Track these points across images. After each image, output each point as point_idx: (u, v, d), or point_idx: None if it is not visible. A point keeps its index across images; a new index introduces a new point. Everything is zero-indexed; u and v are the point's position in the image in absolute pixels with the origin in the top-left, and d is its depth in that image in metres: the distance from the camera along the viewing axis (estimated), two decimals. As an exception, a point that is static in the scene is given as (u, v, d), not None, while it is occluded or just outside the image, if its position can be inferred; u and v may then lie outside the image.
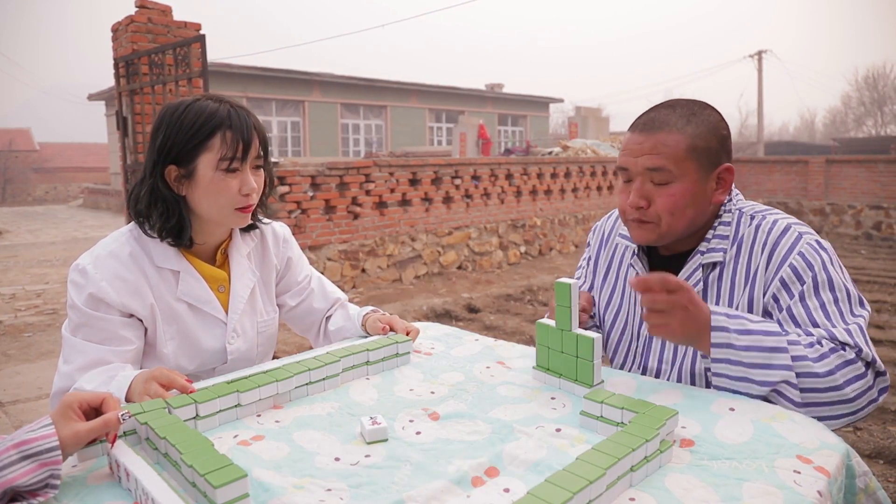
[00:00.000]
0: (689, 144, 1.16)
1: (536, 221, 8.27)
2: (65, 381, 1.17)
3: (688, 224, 1.20)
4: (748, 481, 0.81)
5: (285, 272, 1.50)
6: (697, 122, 1.18)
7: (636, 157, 1.19)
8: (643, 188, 1.19)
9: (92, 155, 32.77)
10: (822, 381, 1.04)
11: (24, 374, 3.76)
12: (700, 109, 1.20)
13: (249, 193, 1.23)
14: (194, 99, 1.22)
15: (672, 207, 1.17)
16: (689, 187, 1.17)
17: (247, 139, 1.20)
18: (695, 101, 1.23)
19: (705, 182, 1.19)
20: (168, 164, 1.21)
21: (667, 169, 1.16)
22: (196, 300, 1.28)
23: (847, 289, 1.15)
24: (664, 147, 1.16)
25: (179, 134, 1.19)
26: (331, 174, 5.86)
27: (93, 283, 1.18)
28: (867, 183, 10.44)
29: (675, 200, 1.17)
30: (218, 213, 1.24)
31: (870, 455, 2.58)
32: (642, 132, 1.19)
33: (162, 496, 0.72)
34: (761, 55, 24.67)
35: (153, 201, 1.23)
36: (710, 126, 1.18)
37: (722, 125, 1.21)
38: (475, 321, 4.88)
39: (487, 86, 24.64)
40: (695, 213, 1.20)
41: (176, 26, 5.58)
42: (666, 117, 1.18)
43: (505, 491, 0.79)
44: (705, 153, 1.17)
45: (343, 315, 1.53)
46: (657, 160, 1.16)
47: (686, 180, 1.16)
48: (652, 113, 1.21)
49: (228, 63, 16.98)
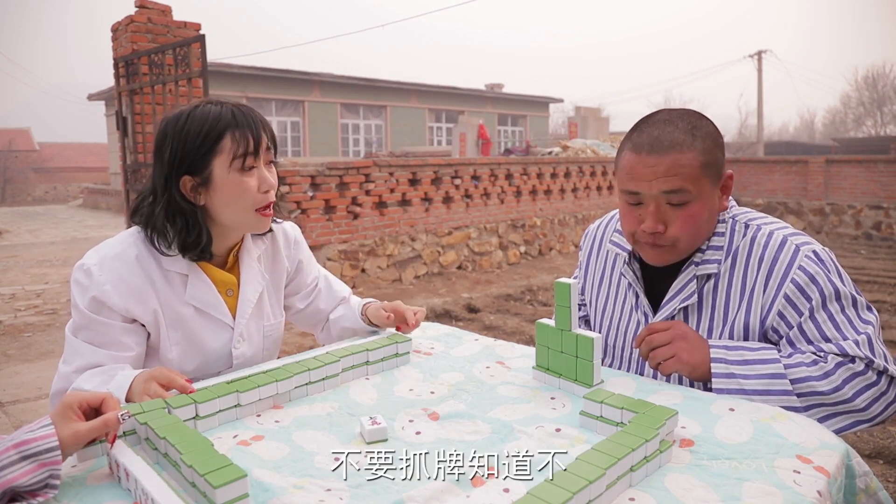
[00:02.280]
0: (703, 161, 1.13)
1: (536, 221, 8.27)
2: (63, 382, 1.16)
3: (702, 239, 1.19)
4: (748, 481, 0.80)
5: (295, 275, 1.49)
6: (702, 135, 1.14)
7: (650, 181, 1.13)
8: (660, 211, 1.15)
9: (92, 155, 32.75)
10: (829, 398, 1.06)
11: (23, 374, 3.76)
12: (698, 120, 1.17)
13: (269, 190, 1.22)
14: (193, 106, 1.20)
15: (692, 228, 1.15)
16: (706, 204, 1.15)
17: (256, 134, 1.19)
18: (690, 112, 1.19)
19: (715, 194, 1.17)
20: (182, 175, 1.19)
21: (685, 190, 1.12)
22: (204, 304, 1.26)
23: (852, 296, 1.14)
24: (681, 168, 1.11)
25: (188, 143, 1.17)
26: (330, 174, 5.86)
27: (96, 286, 1.17)
28: (867, 183, 10.43)
29: (694, 220, 1.14)
30: (240, 218, 1.22)
31: (870, 455, 2.58)
32: (651, 154, 1.13)
33: (162, 496, 0.72)
34: (761, 55, 24.67)
35: (170, 216, 1.20)
36: (712, 137, 1.16)
37: (718, 133, 1.19)
38: (475, 321, 4.88)
39: (487, 86, 24.64)
40: (709, 227, 1.19)
41: (176, 26, 5.59)
42: (672, 135, 1.13)
43: (505, 491, 0.79)
44: (714, 166, 1.15)
45: (344, 306, 1.54)
46: (675, 182, 1.11)
47: (703, 198, 1.14)
48: (654, 131, 1.15)
49: (228, 63, 16.98)
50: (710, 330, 1.21)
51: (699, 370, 1.12)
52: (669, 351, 1.11)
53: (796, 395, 1.06)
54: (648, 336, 1.14)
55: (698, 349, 1.12)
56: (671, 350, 1.11)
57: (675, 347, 1.12)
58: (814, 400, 1.06)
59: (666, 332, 1.14)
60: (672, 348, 1.11)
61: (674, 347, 1.12)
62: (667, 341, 1.12)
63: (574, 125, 14.26)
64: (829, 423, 1.06)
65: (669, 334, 1.13)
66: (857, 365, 1.08)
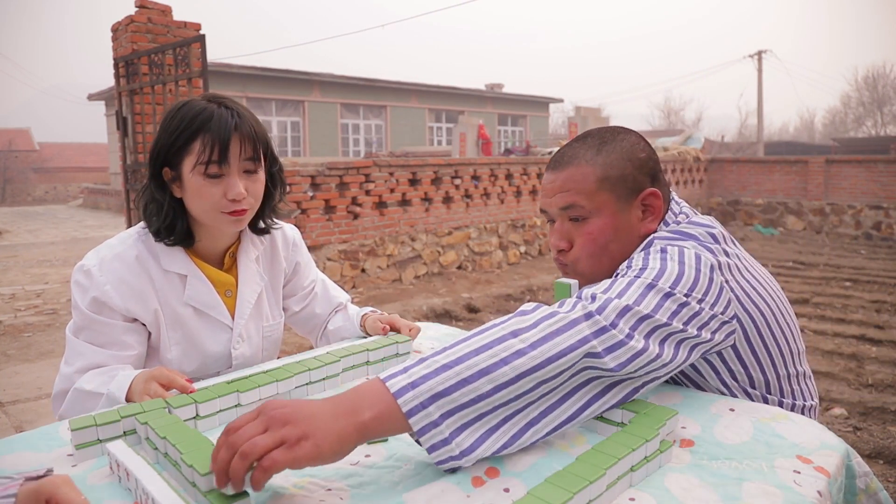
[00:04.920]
0: (601, 175, 1.09)
1: (536, 221, 8.27)
2: (65, 382, 1.17)
3: (612, 261, 1.12)
4: (748, 481, 0.81)
5: (292, 276, 1.49)
6: (609, 149, 1.11)
7: (550, 197, 1.13)
8: (562, 228, 1.14)
9: (92, 155, 32.76)
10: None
11: (23, 374, 3.76)
12: (612, 136, 1.14)
13: (236, 199, 1.18)
14: (190, 100, 1.21)
15: (591, 246, 1.11)
16: (608, 221, 1.10)
17: (224, 142, 1.15)
18: (609, 129, 1.16)
19: (627, 212, 1.11)
20: (162, 165, 1.21)
21: (579, 205, 1.10)
22: (203, 305, 1.27)
23: (668, 291, 0.94)
24: (573, 183, 1.10)
25: (167, 136, 1.19)
26: (330, 174, 5.86)
27: (96, 287, 1.17)
28: (867, 183, 10.44)
29: (594, 238, 1.11)
30: (206, 217, 1.22)
31: (870, 455, 2.58)
32: (552, 170, 1.14)
33: (162, 496, 0.72)
34: (761, 55, 24.68)
35: (151, 201, 1.23)
36: (622, 152, 1.11)
37: (637, 148, 1.13)
38: (475, 321, 4.88)
39: (487, 86, 24.64)
40: (620, 248, 1.11)
41: (176, 26, 5.59)
42: (575, 151, 1.13)
43: (505, 491, 0.79)
44: (620, 181, 1.10)
45: (342, 315, 1.52)
46: (568, 197, 1.11)
47: (603, 214, 1.10)
48: (564, 148, 1.15)
49: (228, 63, 16.98)
50: None
51: (345, 430, 0.74)
52: (267, 439, 0.69)
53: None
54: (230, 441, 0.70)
55: (296, 413, 0.73)
56: (260, 440, 0.69)
57: (264, 436, 0.70)
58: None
59: (255, 420, 0.72)
60: (259, 438, 0.69)
61: (261, 437, 0.69)
62: (259, 430, 0.71)
63: (574, 125, 14.26)
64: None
65: (262, 421, 0.72)
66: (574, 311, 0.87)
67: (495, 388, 0.80)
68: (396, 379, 0.79)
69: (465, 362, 0.81)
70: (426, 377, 0.79)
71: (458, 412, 0.79)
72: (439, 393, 0.78)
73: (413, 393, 0.77)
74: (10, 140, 29.56)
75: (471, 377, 0.79)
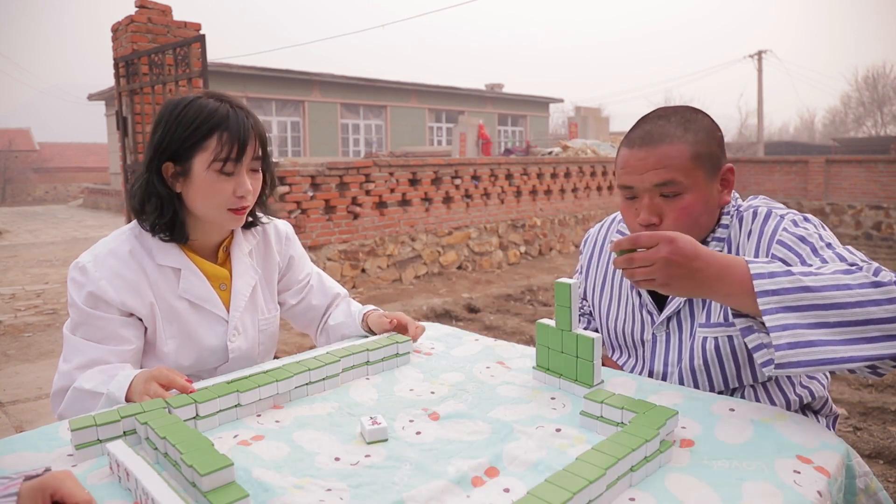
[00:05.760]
0: (694, 152, 1.14)
1: (536, 221, 8.27)
2: (64, 380, 1.17)
3: (701, 232, 1.19)
4: (748, 481, 0.81)
5: (287, 270, 1.50)
6: (695, 128, 1.16)
7: (641, 174, 1.15)
8: (653, 204, 1.16)
9: (92, 155, 32.78)
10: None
11: (23, 374, 3.76)
12: (693, 115, 1.19)
13: (244, 196, 1.22)
14: (196, 96, 1.22)
15: (687, 220, 1.15)
16: (700, 195, 1.15)
17: (242, 142, 1.20)
18: (686, 108, 1.22)
19: (712, 186, 1.17)
20: (165, 160, 1.21)
21: (676, 181, 1.13)
22: (197, 298, 1.28)
23: (841, 247, 1.10)
24: (670, 159, 1.13)
25: (177, 131, 1.19)
26: (331, 174, 5.86)
27: (92, 282, 1.18)
28: (867, 183, 10.44)
29: (688, 212, 1.15)
30: (211, 213, 1.23)
31: (870, 455, 2.58)
32: (642, 147, 1.16)
33: (162, 496, 0.72)
34: (761, 55, 24.68)
35: (147, 196, 1.23)
36: (707, 130, 1.17)
37: (716, 127, 1.20)
38: (475, 321, 4.88)
39: (487, 86, 24.65)
40: (708, 220, 1.19)
41: (176, 26, 5.59)
42: (663, 129, 1.16)
43: (505, 491, 0.79)
44: (708, 158, 1.16)
45: (344, 311, 1.53)
46: (665, 174, 1.13)
47: (696, 189, 1.15)
48: (647, 126, 1.18)
49: (228, 63, 16.99)
50: (709, 316, 1.20)
51: (704, 292, 0.98)
52: (645, 273, 0.98)
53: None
54: (630, 255, 0.99)
55: (693, 273, 0.96)
56: (647, 272, 0.98)
57: (654, 270, 0.97)
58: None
59: (649, 252, 0.97)
60: (649, 271, 0.97)
61: (652, 270, 0.97)
62: (648, 263, 0.97)
63: (574, 125, 14.26)
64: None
65: (646, 258, 0.97)
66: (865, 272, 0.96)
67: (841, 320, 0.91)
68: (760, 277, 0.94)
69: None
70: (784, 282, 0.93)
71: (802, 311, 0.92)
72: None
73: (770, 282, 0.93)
74: (11, 140, 29.57)
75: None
